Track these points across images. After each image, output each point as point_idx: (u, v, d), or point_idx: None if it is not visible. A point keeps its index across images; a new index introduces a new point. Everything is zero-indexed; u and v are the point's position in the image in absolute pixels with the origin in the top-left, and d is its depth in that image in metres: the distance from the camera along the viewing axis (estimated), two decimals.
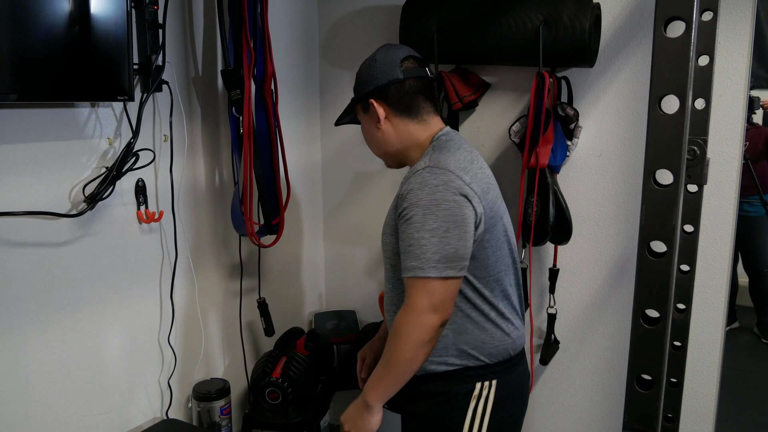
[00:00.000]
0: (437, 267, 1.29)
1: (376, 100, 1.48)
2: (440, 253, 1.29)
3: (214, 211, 2.11)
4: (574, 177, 2.10)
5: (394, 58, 1.47)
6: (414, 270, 1.31)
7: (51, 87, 1.47)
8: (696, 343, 1.99)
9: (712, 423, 2.07)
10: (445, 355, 1.43)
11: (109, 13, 1.54)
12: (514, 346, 1.48)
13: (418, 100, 1.47)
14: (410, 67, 1.47)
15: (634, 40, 1.95)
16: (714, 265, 1.97)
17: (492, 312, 1.44)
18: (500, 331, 1.45)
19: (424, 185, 1.32)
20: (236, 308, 2.24)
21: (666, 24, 0.94)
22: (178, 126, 1.92)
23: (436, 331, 1.32)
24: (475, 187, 1.35)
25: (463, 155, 1.40)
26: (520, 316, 1.53)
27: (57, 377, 1.66)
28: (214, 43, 2.03)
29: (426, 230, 1.29)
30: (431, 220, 1.29)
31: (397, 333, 1.35)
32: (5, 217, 1.50)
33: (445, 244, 1.29)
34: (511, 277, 1.48)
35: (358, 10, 2.41)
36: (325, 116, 2.57)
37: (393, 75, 1.45)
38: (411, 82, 1.46)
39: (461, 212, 1.31)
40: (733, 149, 1.89)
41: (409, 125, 1.48)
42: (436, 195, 1.30)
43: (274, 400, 2.04)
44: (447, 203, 1.30)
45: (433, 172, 1.33)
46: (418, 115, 1.48)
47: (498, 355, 1.44)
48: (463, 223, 1.31)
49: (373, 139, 1.55)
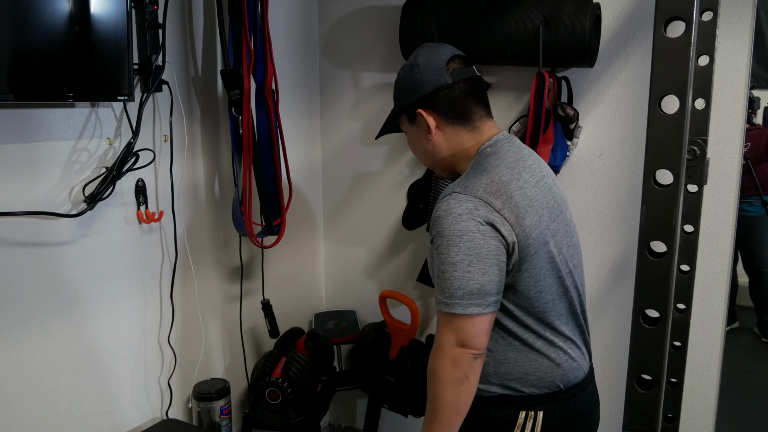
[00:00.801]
0: (461, 303, 1.20)
1: (424, 109, 1.34)
2: (463, 289, 1.19)
3: (215, 212, 2.11)
4: (574, 177, 2.10)
5: (439, 60, 1.33)
6: (440, 304, 1.23)
7: (51, 87, 1.47)
8: (696, 343, 1.99)
9: (712, 423, 2.07)
10: (486, 383, 1.33)
11: (109, 12, 1.54)
12: (566, 378, 1.32)
13: (469, 105, 1.34)
14: (457, 69, 1.33)
15: (634, 40, 1.95)
16: (714, 265, 1.97)
17: (538, 341, 1.30)
18: (547, 360, 1.31)
19: (448, 213, 1.22)
20: (236, 308, 2.24)
21: (666, 24, 0.94)
22: (178, 126, 1.92)
23: (469, 365, 1.21)
24: (506, 213, 1.22)
25: (501, 174, 1.26)
26: (579, 344, 1.37)
27: (57, 377, 1.66)
28: (214, 43, 2.03)
29: (449, 263, 1.20)
30: (454, 253, 1.20)
31: (431, 376, 1.25)
32: (5, 217, 1.50)
33: (468, 279, 1.19)
34: (561, 305, 1.32)
35: (358, 10, 2.41)
36: (325, 116, 2.57)
37: (441, 80, 1.31)
38: (461, 85, 1.32)
39: (486, 244, 1.20)
40: (733, 149, 1.89)
41: (460, 134, 1.34)
42: (459, 225, 1.20)
43: (274, 400, 2.04)
44: (470, 234, 1.19)
45: (457, 199, 1.23)
46: (470, 121, 1.34)
47: (543, 387, 1.31)
48: (489, 255, 1.20)
49: (422, 150, 1.41)
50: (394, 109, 1.42)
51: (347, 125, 2.52)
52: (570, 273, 1.33)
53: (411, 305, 2.18)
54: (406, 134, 1.45)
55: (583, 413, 1.41)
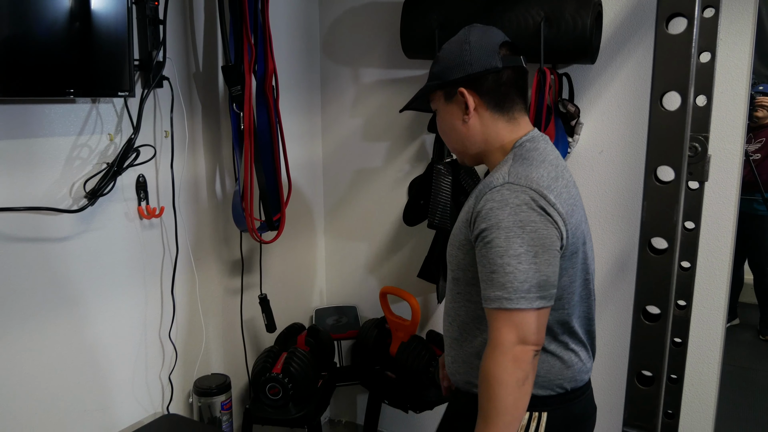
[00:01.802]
0: (527, 297, 1.13)
1: (467, 89, 1.27)
2: (529, 282, 1.14)
3: (215, 207, 2.11)
4: (575, 174, 2.10)
5: (493, 42, 1.27)
6: (499, 300, 1.15)
7: (52, 83, 1.47)
8: (696, 339, 1.99)
9: (712, 419, 2.08)
10: None
11: (110, 9, 1.54)
12: (573, 380, 1.30)
13: (512, 95, 1.29)
14: (508, 55, 1.28)
15: (636, 36, 1.94)
16: (715, 261, 1.97)
17: (553, 343, 1.28)
18: (559, 362, 1.28)
19: (504, 204, 1.16)
20: (237, 304, 2.24)
21: (668, 20, 0.94)
22: (179, 122, 1.92)
23: (530, 363, 1.15)
24: (560, 207, 1.18)
25: (548, 170, 1.23)
26: (588, 348, 1.36)
27: (58, 372, 1.66)
28: (214, 39, 2.03)
29: (511, 255, 1.14)
30: (516, 244, 1.14)
31: (489, 378, 1.17)
32: (6, 213, 1.50)
33: (535, 271, 1.14)
34: (582, 308, 1.31)
35: (359, 6, 2.41)
36: (326, 112, 2.57)
37: (491, 63, 1.25)
38: (509, 72, 1.27)
39: (549, 234, 1.16)
40: (735, 146, 1.89)
41: (498, 122, 1.29)
42: (520, 215, 1.15)
43: (274, 396, 2.04)
44: (533, 224, 1.14)
45: (513, 190, 1.17)
46: (509, 111, 1.29)
47: (549, 389, 1.29)
48: (552, 246, 1.16)
49: (453, 132, 1.33)
50: (431, 84, 1.34)
51: (348, 122, 2.51)
52: (592, 277, 1.33)
53: (412, 301, 2.18)
54: (436, 113, 1.37)
55: (584, 416, 1.39)
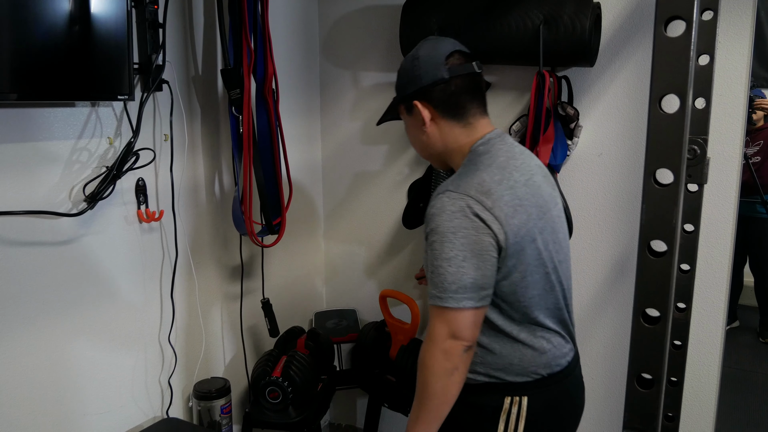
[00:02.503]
0: (455, 297, 1.24)
1: (420, 101, 1.38)
2: (457, 284, 1.24)
3: (215, 211, 2.11)
4: (575, 176, 2.10)
5: (439, 54, 1.36)
6: (433, 298, 1.27)
7: (51, 86, 1.47)
8: (696, 342, 1.99)
9: (712, 422, 2.07)
10: (472, 372, 1.38)
11: (110, 12, 1.54)
12: (549, 366, 1.37)
13: (464, 101, 1.38)
14: (456, 64, 1.37)
15: (635, 39, 1.95)
16: (714, 264, 1.97)
17: (522, 333, 1.35)
18: (530, 350, 1.36)
19: (442, 211, 1.26)
20: (237, 307, 2.24)
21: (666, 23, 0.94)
22: (179, 125, 1.92)
23: (460, 357, 1.26)
24: (497, 212, 1.26)
25: (492, 174, 1.30)
26: (563, 333, 1.41)
27: (58, 376, 1.66)
28: (214, 43, 2.03)
29: (443, 258, 1.24)
30: (448, 249, 1.24)
31: (422, 365, 1.30)
32: (5, 217, 1.50)
33: (462, 274, 1.24)
34: (548, 300, 1.37)
35: (358, 10, 2.41)
36: (325, 115, 2.57)
37: (438, 74, 1.35)
38: (457, 81, 1.36)
39: (479, 239, 1.25)
40: (734, 148, 1.89)
41: (454, 129, 1.39)
42: (454, 222, 1.24)
43: (274, 399, 2.04)
44: (465, 230, 1.24)
45: (451, 197, 1.27)
46: (464, 118, 1.38)
47: (525, 375, 1.36)
48: (483, 251, 1.25)
49: (417, 140, 1.46)
50: (395, 98, 1.47)
51: (347, 125, 2.52)
52: (555, 269, 1.37)
53: (411, 304, 2.18)
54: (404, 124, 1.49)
55: (568, 398, 1.45)
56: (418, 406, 1.32)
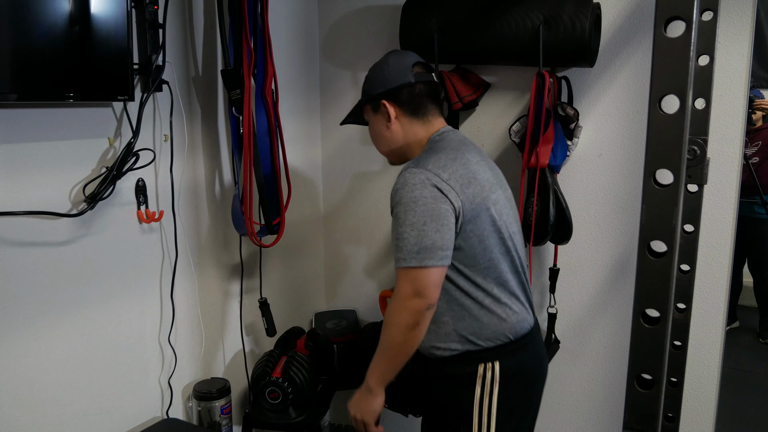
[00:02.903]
0: (417, 257, 1.40)
1: (388, 101, 1.59)
2: (419, 245, 1.40)
3: (215, 211, 2.11)
4: (575, 177, 2.10)
5: (406, 63, 1.59)
6: (399, 261, 1.43)
7: (51, 87, 1.47)
8: (696, 342, 1.99)
9: (712, 423, 2.07)
10: (448, 341, 1.53)
11: (110, 12, 1.54)
12: (513, 330, 1.53)
13: (425, 103, 1.59)
14: (420, 72, 1.59)
15: (634, 39, 1.95)
16: (714, 264, 1.97)
17: (487, 299, 1.51)
18: (495, 316, 1.51)
19: (404, 184, 1.44)
20: (237, 308, 2.24)
21: (666, 24, 0.94)
22: (179, 126, 1.92)
23: (421, 314, 1.42)
24: (452, 183, 1.44)
25: (447, 154, 1.50)
26: (522, 300, 1.57)
27: (57, 376, 1.66)
28: (214, 43, 2.03)
29: (407, 224, 1.41)
30: (411, 216, 1.41)
31: (387, 319, 1.48)
32: (5, 217, 1.50)
33: (423, 237, 1.40)
34: (506, 264, 1.53)
35: (358, 10, 2.41)
36: (325, 116, 2.57)
37: (405, 78, 1.57)
38: (420, 86, 1.58)
39: (438, 207, 1.41)
40: (734, 149, 1.89)
41: (415, 125, 1.60)
42: (414, 192, 1.42)
43: (274, 400, 2.04)
44: (424, 199, 1.41)
45: (412, 173, 1.45)
46: (424, 116, 1.60)
47: (495, 339, 1.51)
48: (440, 216, 1.41)
49: (380, 137, 1.65)
50: (361, 100, 1.66)
51: (347, 125, 2.51)
52: (510, 237, 1.55)
53: None
54: (369, 124, 1.68)
55: (535, 362, 1.61)
56: (380, 355, 1.51)
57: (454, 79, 2.11)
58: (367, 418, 1.63)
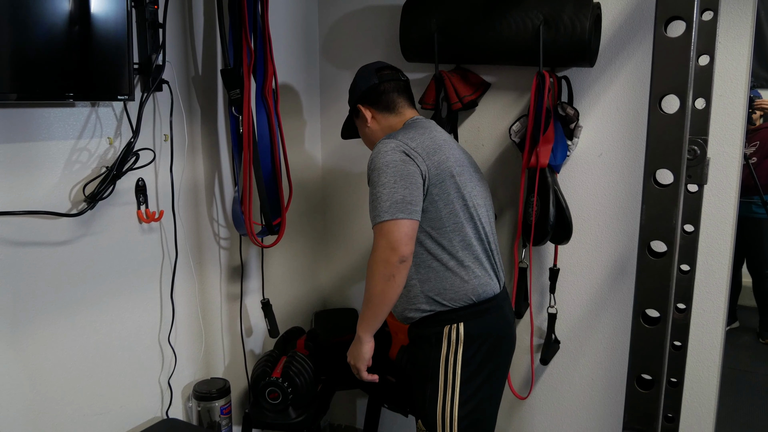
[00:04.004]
0: (389, 212, 1.55)
1: (362, 105, 1.81)
2: (390, 201, 1.55)
3: (215, 211, 2.11)
4: (575, 177, 2.10)
5: (371, 69, 1.81)
6: (373, 219, 1.58)
7: (51, 86, 1.47)
8: (696, 343, 1.99)
9: (712, 423, 2.07)
10: (417, 303, 1.68)
11: (110, 12, 1.54)
12: (476, 293, 1.66)
13: (394, 98, 1.79)
14: (385, 74, 1.80)
15: (635, 39, 1.95)
16: (714, 264, 1.97)
17: (451, 261, 1.65)
18: (458, 278, 1.65)
19: (378, 153, 1.61)
20: (237, 308, 2.24)
21: (666, 24, 0.94)
22: (179, 125, 1.92)
23: (395, 267, 1.56)
24: (419, 150, 1.61)
25: (416, 131, 1.68)
26: (486, 266, 1.70)
27: (57, 376, 1.66)
28: (214, 43, 2.03)
29: (380, 185, 1.57)
30: (383, 178, 1.57)
31: (367, 273, 1.62)
32: (5, 217, 1.50)
33: (393, 193, 1.55)
34: (469, 229, 1.67)
35: (358, 10, 2.41)
36: (325, 115, 2.57)
37: (371, 81, 1.79)
38: (386, 84, 1.78)
39: (406, 168, 1.58)
40: (734, 149, 1.89)
41: (389, 118, 1.79)
42: (386, 158, 1.59)
43: (274, 400, 2.04)
44: (395, 162, 1.58)
45: (384, 143, 1.63)
46: (396, 109, 1.79)
47: (459, 300, 1.65)
48: (409, 176, 1.57)
49: (365, 136, 1.87)
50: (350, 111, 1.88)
51: None
52: (475, 207, 1.69)
53: None
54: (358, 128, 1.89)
55: (499, 327, 1.73)
56: (365, 307, 1.66)
57: (454, 79, 2.11)
58: (359, 364, 1.75)
